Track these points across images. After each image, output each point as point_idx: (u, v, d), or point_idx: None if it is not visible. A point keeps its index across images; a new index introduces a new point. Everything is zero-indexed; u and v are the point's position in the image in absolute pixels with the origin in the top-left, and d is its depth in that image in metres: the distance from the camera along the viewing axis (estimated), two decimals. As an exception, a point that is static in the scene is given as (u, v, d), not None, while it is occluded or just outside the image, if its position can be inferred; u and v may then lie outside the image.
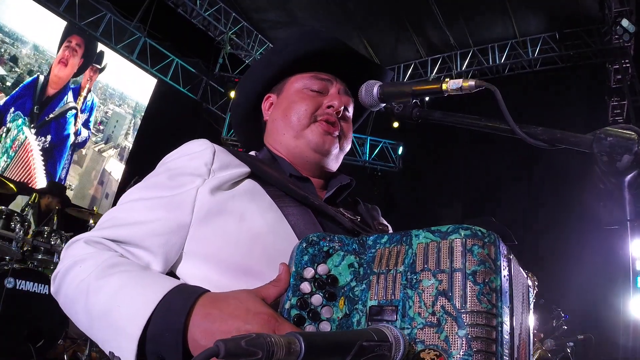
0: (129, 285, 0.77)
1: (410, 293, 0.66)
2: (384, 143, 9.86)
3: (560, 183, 7.14)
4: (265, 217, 0.92)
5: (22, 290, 3.59)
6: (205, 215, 0.90)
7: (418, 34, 8.80)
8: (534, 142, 0.76)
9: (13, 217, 3.96)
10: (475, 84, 0.84)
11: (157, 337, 0.70)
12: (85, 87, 7.87)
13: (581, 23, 7.70)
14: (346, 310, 0.71)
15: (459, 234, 0.66)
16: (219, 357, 0.48)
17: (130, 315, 0.73)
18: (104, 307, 0.76)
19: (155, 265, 0.87)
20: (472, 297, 0.62)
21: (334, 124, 1.11)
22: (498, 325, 0.63)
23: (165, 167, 0.99)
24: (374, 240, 0.75)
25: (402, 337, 0.61)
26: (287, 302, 0.71)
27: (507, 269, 0.69)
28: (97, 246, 0.87)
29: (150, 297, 0.73)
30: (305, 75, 1.17)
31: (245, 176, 0.97)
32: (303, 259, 0.73)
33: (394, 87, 0.97)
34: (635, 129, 0.67)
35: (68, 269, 0.85)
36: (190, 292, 0.73)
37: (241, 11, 9.03)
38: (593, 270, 6.30)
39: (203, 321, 0.69)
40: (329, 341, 0.56)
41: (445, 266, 0.65)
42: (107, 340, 0.76)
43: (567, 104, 7.69)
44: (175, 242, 0.89)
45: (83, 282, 0.80)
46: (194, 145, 1.01)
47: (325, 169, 1.15)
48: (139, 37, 8.52)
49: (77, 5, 7.66)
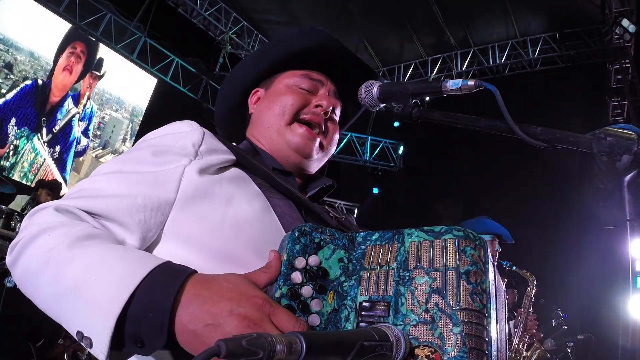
0: (108, 257, 0.69)
1: (402, 290, 0.66)
2: (384, 143, 9.87)
3: (560, 183, 7.14)
4: (252, 204, 0.88)
5: (23, 290, 3.59)
6: (191, 196, 0.85)
7: (418, 34, 8.80)
8: (534, 142, 0.77)
9: (13, 216, 3.97)
10: (475, 84, 0.84)
11: (140, 317, 0.63)
12: (84, 95, 7.82)
13: (581, 23, 7.70)
14: (335, 305, 0.70)
15: (452, 235, 0.67)
16: (220, 356, 0.47)
17: (110, 290, 0.64)
18: (76, 280, 0.67)
19: (131, 242, 0.80)
20: (466, 296, 0.63)
21: (318, 125, 1.10)
22: (488, 325, 0.64)
23: (148, 143, 0.92)
24: (364, 237, 0.74)
25: (403, 336, 0.61)
26: (277, 290, 0.69)
27: (493, 273, 0.70)
28: (69, 215, 0.78)
29: (133, 272, 0.65)
30: (297, 72, 1.15)
31: (232, 163, 0.94)
32: (295, 247, 0.71)
33: (393, 87, 0.97)
34: (635, 129, 0.67)
35: (32, 237, 0.74)
36: (179, 271, 0.67)
37: (241, 11, 9.03)
38: (593, 270, 6.30)
39: (192, 302, 0.63)
40: (329, 341, 0.56)
41: (439, 264, 0.65)
42: (77, 318, 0.67)
43: (567, 104, 7.69)
44: (155, 221, 0.83)
45: (52, 250, 0.71)
46: (182, 125, 0.96)
47: (304, 171, 1.13)
48: (139, 36, 8.52)
49: (77, 5, 7.66)
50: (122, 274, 0.65)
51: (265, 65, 1.17)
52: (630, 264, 5.98)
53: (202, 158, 0.89)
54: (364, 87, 1.00)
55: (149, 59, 8.67)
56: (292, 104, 1.09)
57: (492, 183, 7.84)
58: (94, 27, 7.93)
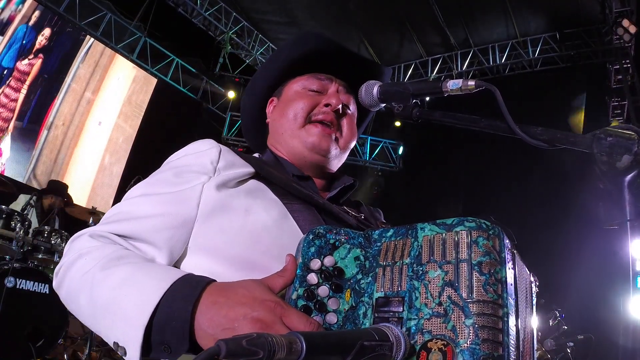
0: (135, 275, 0.76)
1: (416, 284, 0.67)
2: (384, 143, 9.87)
3: (560, 183, 7.14)
4: (270, 212, 0.92)
5: (23, 290, 3.59)
6: (211, 211, 0.90)
7: (418, 34, 8.79)
8: (534, 142, 0.77)
9: (13, 216, 3.96)
10: (475, 84, 0.84)
11: (164, 326, 0.69)
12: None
13: (581, 23, 7.70)
14: (352, 302, 0.72)
15: (464, 226, 0.67)
16: (220, 356, 0.48)
17: (137, 304, 0.72)
18: (109, 297, 0.75)
19: (160, 259, 0.87)
20: (479, 287, 0.63)
21: (331, 124, 1.12)
22: (504, 316, 0.63)
23: (170, 165, 1.00)
24: (380, 234, 0.75)
25: (403, 336, 0.61)
26: (293, 292, 0.71)
27: (511, 262, 0.69)
28: (102, 240, 0.86)
29: (157, 285, 0.72)
30: (304, 77, 1.18)
31: (250, 176, 0.98)
32: (310, 250, 0.73)
33: (394, 87, 0.97)
34: (635, 129, 0.67)
35: (72, 262, 0.84)
36: (197, 281, 0.73)
37: (241, 11, 9.03)
38: (593, 270, 6.29)
39: (210, 309, 0.68)
40: (329, 341, 0.56)
41: (451, 257, 0.66)
42: (112, 330, 0.75)
43: (567, 104, 7.69)
44: (180, 237, 0.89)
45: (87, 273, 0.79)
46: (200, 144, 1.02)
47: (325, 169, 1.15)
48: (139, 36, 8.52)
49: (77, 5, 7.66)
50: (148, 289, 0.73)
51: (272, 77, 1.22)
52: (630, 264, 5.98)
53: (220, 174, 0.95)
54: (364, 87, 1.00)
55: (149, 59, 8.67)
56: (302, 107, 1.12)
57: (491, 183, 7.84)
58: (94, 27, 7.93)
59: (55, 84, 7.66)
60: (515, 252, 0.73)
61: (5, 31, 7.09)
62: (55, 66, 7.68)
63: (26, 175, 7.27)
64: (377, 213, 1.26)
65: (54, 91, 7.64)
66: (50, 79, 7.63)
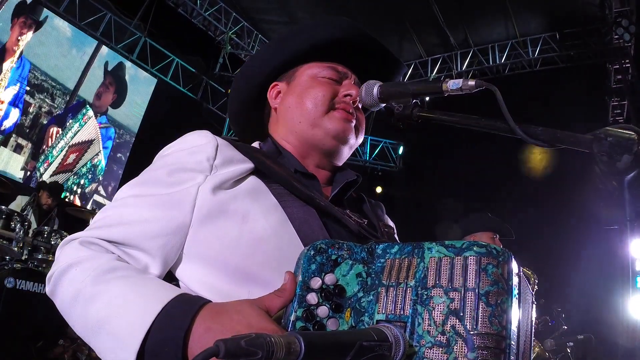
0: (126, 293, 0.74)
1: (420, 309, 0.64)
2: (384, 143, 9.87)
3: (560, 183, 7.14)
4: (269, 219, 0.88)
5: (22, 290, 3.59)
6: (206, 216, 0.86)
7: (418, 34, 8.80)
8: (534, 142, 0.76)
9: (13, 217, 3.96)
10: (475, 84, 0.84)
11: (157, 351, 0.68)
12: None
13: (581, 23, 7.70)
14: (352, 322, 0.69)
15: (474, 252, 0.64)
16: (219, 356, 0.48)
17: (129, 326, 0.70)
18: (100, 316, 0.73)
19: (153, 267, 0.84)
20: (484, 319, 0.61)
21: (352, 114, 1.07)
22: (506, 348, 0.62)
23: (163, 162, 0.93)
24: (384, 250, 0.73)
25: (402, 337, 0.61)
26: (292, 313, 0.68)
27: (517, 287, 0.67)
28: (92, 247, 0.82)
29: (149, 307, 0.70)
30: (319, 64, 1.10)
31: (249, 172, 0.93)
32: (310, 267, 0.70)
33: (393, 87, 0.96)
34: (635, 129, 0.67)
35: (63, 271, 0.80)
36: (191, 304, 0.70)
37: (241, 11, 9.03)
38: (593, 270, 6.30)
39: (203, 337, 0.66)
40: (328, 341, 0.56)
41: (458, 284, 0.63)
42: (105, 350, 0.73)
43: (567, 104, 7.68)
44: (174, 244, 0.85)
45: (79, 288, 0.77)
46: (196, 137, 0.95)
47: (334, 161, 1.11)
48: (139, 36, 8.52)
49: (77, 5, 7.66)
50: (139, 311, 0.70)
51: (285, 57, 1.12)
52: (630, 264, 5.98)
53: (217, 172, 0.89)
54: (364, 87, 1.00)
55: (149, 59, 8.67)
56: (323, 95, 1.05)
57: (491, 183, 7.84)
58: (94, 27, 7.93)
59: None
60: (521, 274, 0.71)
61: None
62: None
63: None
64: (379, 209, 1.21)
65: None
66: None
